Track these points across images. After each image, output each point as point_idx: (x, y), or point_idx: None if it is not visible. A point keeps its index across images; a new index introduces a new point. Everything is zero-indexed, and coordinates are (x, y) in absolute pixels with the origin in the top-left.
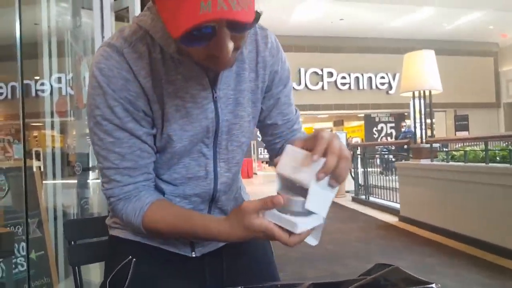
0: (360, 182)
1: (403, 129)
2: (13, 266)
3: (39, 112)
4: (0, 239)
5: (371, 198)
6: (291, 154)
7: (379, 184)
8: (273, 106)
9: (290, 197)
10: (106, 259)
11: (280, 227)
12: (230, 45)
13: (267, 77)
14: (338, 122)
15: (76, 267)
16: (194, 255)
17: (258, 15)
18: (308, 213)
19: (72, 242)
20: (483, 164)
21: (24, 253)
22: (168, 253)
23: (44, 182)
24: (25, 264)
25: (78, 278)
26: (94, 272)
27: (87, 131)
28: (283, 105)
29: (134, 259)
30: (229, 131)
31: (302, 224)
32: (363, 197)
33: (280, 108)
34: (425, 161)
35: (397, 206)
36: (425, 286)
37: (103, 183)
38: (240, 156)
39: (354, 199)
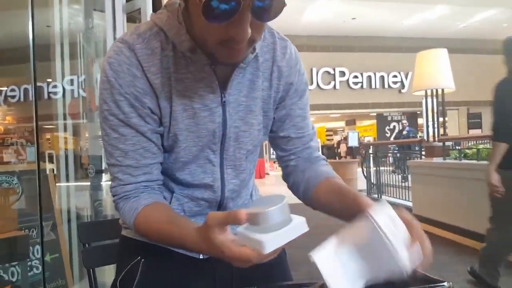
0: (372, 181)
1: (404, 132)
2: (28, 268)
3: (51, 115)
4: (16, 242)
5: (383, 197)
6: (388, 214)
7: (391, 183)
8: (285, 117)
9: (258, 211)
10: (117, 258)
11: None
12: (249, 30)
13: (282, 88)
14: (350, 121)
15: (91, 269)
16: (201, 257)
17: (283, 3)
18: (283, 223)
19: (87, 245)
20: None
21: (39, 256)
22: (176, 254)
23: (57, 184)
24: (40, 266)
25: (93, 280)
26: (109, 274)
27: (100, 133)
28: (296, 118)
29: (143, 260)
30: (237, 138)
31: (271, 242)
32: (375, 195)
33: (293, 120)
34: (437, 160)
35: (410, 204)
36: (437, 284)
37: (110, 181)
38: (248, 163)
39: None
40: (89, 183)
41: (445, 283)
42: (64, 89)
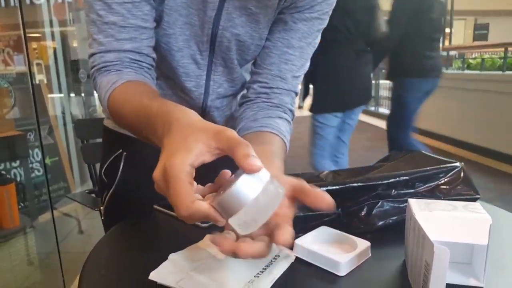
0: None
1: None
2: (30, 171)
3: (36, 22)
4: (14, 142)
5: (381, 109)
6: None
7: (389, 96)
8: (278, 24)
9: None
10: (101, 150)
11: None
12: None
13: None
14: None
15: (91, 165)
16: None
17: None
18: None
19: (85, 141)
20: (500, 72)
21: (39, 159)
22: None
23: (49, 96)
24: (41, 169)
25: (94, 175)
26: None
27: None
28: (291, 32)
29: (125, 153)
30: (229, 47)
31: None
32: (372, 108)
33: (287, 33)
34: None
35: None
36: (450, 165)
37: (88, 49)
38: (244, 73)
39: (363, 111)
40: (82, 95)
41: (457, 163)
42: None
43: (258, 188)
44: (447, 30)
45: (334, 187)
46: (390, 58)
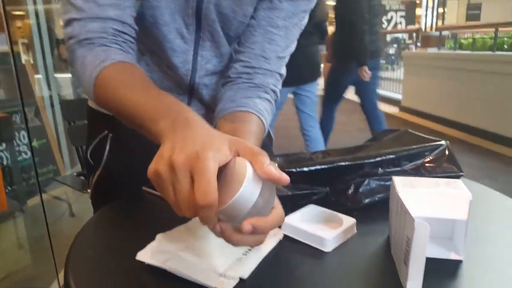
0: None
1: None
2: (17, 154)
3: None
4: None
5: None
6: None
7: (382, 76)
8: (263, 3)
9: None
10: (87, 130)
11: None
12: None
13: None
14: None
15: (79, 147)
16: None
17: None
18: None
19: (72, 123)
20: (490, 52)
21: (26, 141)
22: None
23: (36, 76)
24: (28, 152)
25: (82, 157)
26: None
27: None
28: (276, 11)
29: (110, 134)
30: (213, 20)
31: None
32: None
33: (272, 12)
34: (432, 50)
35: (398, 96)
36: (435, 143)
37: (62, 14)
38: (231, 51)
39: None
40: (69, 75)
41: (442, 142)
42: None
43: (255, 193)
44: (440, 10)
45: (322, 166)
46: (335, 43)
